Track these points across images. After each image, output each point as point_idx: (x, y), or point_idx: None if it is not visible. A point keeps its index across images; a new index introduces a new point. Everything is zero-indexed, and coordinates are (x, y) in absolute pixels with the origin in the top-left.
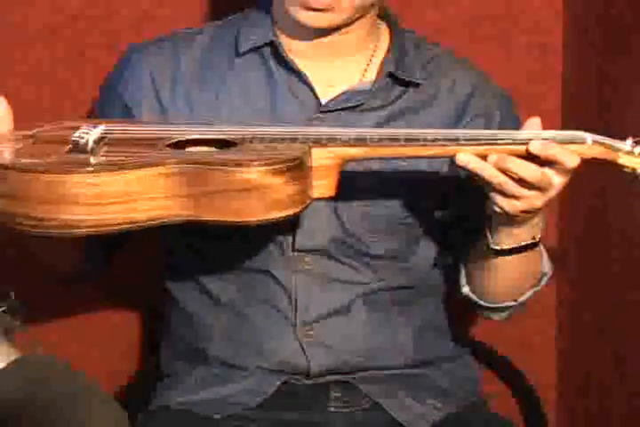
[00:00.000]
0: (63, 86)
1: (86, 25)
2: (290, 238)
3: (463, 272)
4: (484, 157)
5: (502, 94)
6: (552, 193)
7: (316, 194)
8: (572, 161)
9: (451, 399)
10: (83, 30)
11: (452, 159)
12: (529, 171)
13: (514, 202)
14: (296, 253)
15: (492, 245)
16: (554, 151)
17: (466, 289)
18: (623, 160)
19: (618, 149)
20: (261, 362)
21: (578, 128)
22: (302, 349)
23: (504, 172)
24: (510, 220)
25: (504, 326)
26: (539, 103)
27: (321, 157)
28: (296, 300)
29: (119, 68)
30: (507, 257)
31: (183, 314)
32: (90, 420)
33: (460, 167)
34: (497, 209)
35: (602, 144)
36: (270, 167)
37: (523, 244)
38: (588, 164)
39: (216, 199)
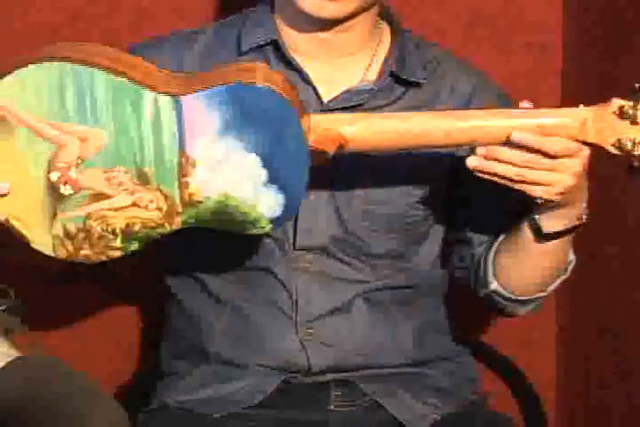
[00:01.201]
0: None
1: (86, 24)
2: (291, 237)
3: (490, 268)
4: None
5: (502, 94)
6: (578, 168)
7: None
8: (553, 145)
9: (451, 399)
10: (83, 30)
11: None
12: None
13: (547, 188)
14: (297, 252)
15: (544, 230)
16: (532, 142)
17: (494, 284)
18: (616, 101)
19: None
20: (262, 360)
21: None
22: (303, 347)
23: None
24: (555, 204)
25: (504, 325)
26: (538, 103)
27: (320, 121)
28: (297, 298)
29: None
30: (550, 243)
31: (184, 313)
32: (90, 420)
33: (475, 171)
34: (538, 201)
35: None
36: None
37: (571, 226)
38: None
39: (209, 75)
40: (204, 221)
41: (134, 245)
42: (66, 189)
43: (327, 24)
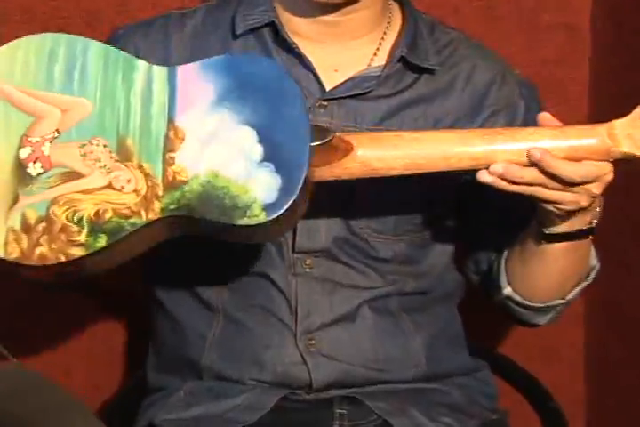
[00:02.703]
0: None
1: (67, 4)
2: (289, 238)
3: (503, 272)
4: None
5: (525, 82)
6: (597, 191)
7: None
8: (571, 172)
9: (466, 417)
10: (63, 9)
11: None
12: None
13: (558, 206)
14: (296, 255)
15: (544, 230)
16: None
17: (508, 290)
18: None
19: None
20: (259, 375)
21: (606, 116)
22: (303, 360)
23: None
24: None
25: (526, 335)
26: (564, 90)
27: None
28: (296, 306)
29: None
30: (557, 245)
31: (171, 321)
32: None
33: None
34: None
35: None
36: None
37: (577, 228)
38: None
39: None
40: (187, 207)
41: (100, 241)
42: (35, 169)
43: (332, 6)
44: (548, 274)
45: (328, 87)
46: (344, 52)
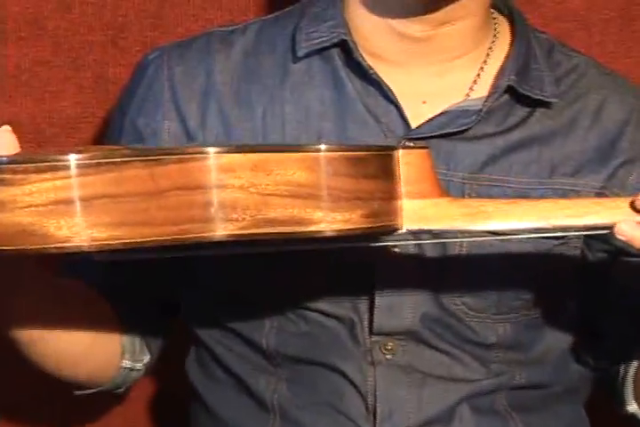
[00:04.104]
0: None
1: (83, 15)
2: (365, 316)
3: (630, 385)
4: None
5: None
6: None
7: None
8: None
9: None
10: (79, 23)
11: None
12: None
13: None
14: (374, 337)
15: None
16: None
17: (633, 407)
18: None
19: None
20: None
21: None
22: None
23: None
24: None
25: None
26: None
27: None
28: (374, 404)
29: (131, 84)
30: None
31: (214, 421)
32: None
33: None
34: None
35: None
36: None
37: None
38: None
39: None
40: None
41: None
42: None
43: (422, 11)
44: None
45: (414, 123)
46: (435, 78)
